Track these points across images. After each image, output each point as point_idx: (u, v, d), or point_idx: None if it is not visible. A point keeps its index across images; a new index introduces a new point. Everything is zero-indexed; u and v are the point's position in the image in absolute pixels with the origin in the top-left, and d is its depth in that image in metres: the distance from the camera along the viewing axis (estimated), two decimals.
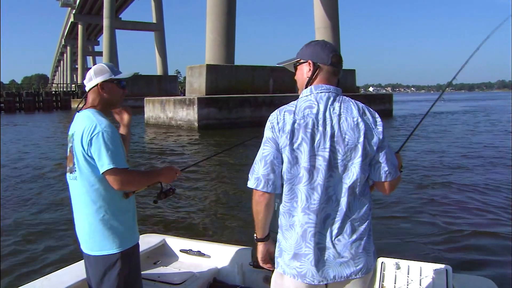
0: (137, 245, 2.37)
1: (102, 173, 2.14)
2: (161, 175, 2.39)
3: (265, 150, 1.85)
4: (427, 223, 6.41)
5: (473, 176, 9.97)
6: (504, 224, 6.33)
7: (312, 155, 1.79)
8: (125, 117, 2.64)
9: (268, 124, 1.88)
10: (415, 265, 2.79)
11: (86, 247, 2.27)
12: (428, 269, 2.73)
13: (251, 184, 1.88)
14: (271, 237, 2.00)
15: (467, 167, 11.22)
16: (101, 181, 2.18)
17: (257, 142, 1.96)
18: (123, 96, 2.40)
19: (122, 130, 2.60)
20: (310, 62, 1.93)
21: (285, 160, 1.82)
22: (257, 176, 1.85)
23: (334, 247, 1.82)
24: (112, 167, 2.11)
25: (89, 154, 2.15)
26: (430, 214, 6.86)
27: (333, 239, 1.82)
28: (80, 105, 2.40)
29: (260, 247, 2.02)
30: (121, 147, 2.21)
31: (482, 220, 6.51)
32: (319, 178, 1.79)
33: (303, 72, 1.96)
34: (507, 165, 11.32)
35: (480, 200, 7.71)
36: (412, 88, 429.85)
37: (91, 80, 2.31)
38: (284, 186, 1.85)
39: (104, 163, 2.11)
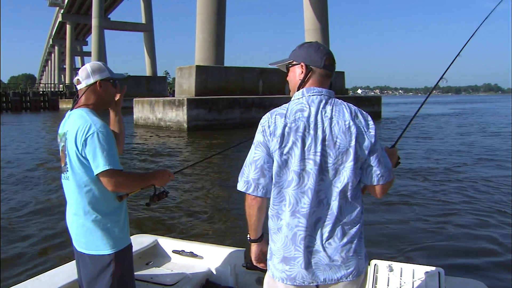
0: (130, 246, 2.35)
1: (97, 174, 2.11)
2: (155, 178, 2.37)
3: (256, 154, 1.84)
4: (420, 225, 6.44)
5: (467, 177, 10.05)
6: (497, 226, 6.37)
7: (303, 159, 1.78)
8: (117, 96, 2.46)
9: (259, 128, 1.87)
10: (407, 267, 2.80)
11: (80, 246, 2.25)
12: (420, 272, 2.74)
13: (240, 187, 1.89)
14: (264, 238, 2.00)
15: (461, 168, 11.30)
16: (94, 182, 2.15)
17: (249, 143, 1.95)
18: (115, 96, 2.40)
19: (114, 126, 2.52)
20: (303, 64, 1.90)
21: (275, 163, 1.81)
22: (247, 179, 1.85)
23: (324, 250, 1.80)
24: (107, 168, 2.08)
25: (83, 155, 2.12)
26: (423, 216, 6.90)
27: (323, 242, 1.81)
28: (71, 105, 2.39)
29: (254, 247, 2.03)
30: (115, 148, 2.19)
31: (475, 223, 6.55)
32: (310, 182, 1.78)
33: (296, 74, 1.94)
34: (502, 166, 11.49)
35: (474, 202, 7.76)
36: (400, 91, 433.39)
37: (89, 77, 2.26)
38: (273, 189, 1.84)
39: (99, 164, 2.08)
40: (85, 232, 2.20)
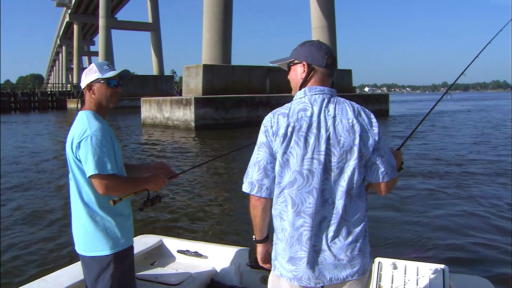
0: (131, 247, 2.36)
1: (88, 177, 2.14)
2: (149, 182, 2.36)
3: (259, 155, 1.84)
4: (424, 223, 6.43)
5: (472, 175, 10.00)
6: (500, 223, 6.36)
7: (306, 159, 1.77)
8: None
9: (262, 128, 1.86)
10: (412, 265, 2.80)
11: (80, 248, 2.27)
12: (425, 269, 2.74)
13: (245, 188, 1.89)
14: (269, 238, 2.00)
15: (467, 165, 11.25)
16: (90, 184, 2.18)
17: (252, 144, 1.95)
18: (113, 95, 2.31)
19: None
20: (305, 63, 1.89)
21: (277, 163, 1.81)
22: (251, 180, 1.86)
23: (330, 249, 1.80)
24: (96, 172, 2.10)
25: (78, 158, 2.16)
26: (427, 214, 6.89)
27: (328, 241, 1.81)
28: (79, 105, 2.40)
29: (259, 248, 2.03)
30: (111, 152, 2.18)
31: (480, 219, 6.53)
32: (314, 181, 1.78)
33: (297, 73, 1.93)
34: (508, 162, 11.40)
35: (478, 199, 7.72)
36: (408, 88, 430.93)
37: (83, 81, 2.31)
38: (275, 189, 1.84)
39: (90, 168, 2.11)
40: (84, 233, 2.23)
